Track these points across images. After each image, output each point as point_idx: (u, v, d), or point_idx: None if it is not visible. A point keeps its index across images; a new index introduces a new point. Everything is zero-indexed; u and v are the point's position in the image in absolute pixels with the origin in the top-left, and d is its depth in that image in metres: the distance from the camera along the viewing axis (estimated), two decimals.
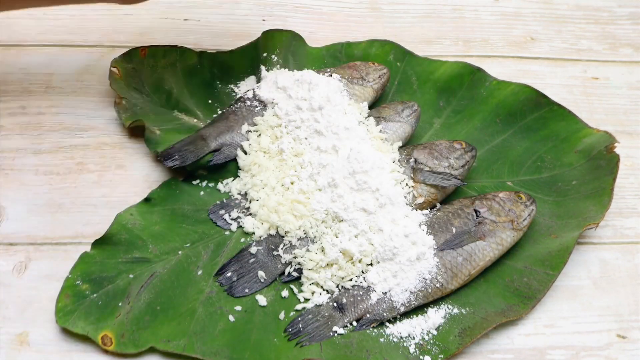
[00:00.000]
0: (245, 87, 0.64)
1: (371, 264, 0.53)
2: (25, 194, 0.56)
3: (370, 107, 0.61)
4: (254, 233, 0.54)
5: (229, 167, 0.58)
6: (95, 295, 0.50)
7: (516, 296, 0.52)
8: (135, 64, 0.62)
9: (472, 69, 0.64)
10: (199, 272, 0.52)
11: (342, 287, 0.52)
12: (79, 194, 0.57)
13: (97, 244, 0.52)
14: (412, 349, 0.49)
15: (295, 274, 0.53)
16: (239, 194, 0.57)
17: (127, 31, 0.68)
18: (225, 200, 0.56)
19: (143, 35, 0.68)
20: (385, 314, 0.51)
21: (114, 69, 0.61)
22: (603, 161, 0.58)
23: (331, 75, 0.61)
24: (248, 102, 0.60)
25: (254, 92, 0.61)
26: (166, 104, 0.62)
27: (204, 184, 0.57)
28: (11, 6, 0.52)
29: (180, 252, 0.53)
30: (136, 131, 0.59)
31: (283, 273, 0.53)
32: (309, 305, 0.51)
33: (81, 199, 0.56)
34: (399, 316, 0.51)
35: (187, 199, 0.56)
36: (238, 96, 0.62)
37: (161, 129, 0.58)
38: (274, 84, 0.60)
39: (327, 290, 0.52)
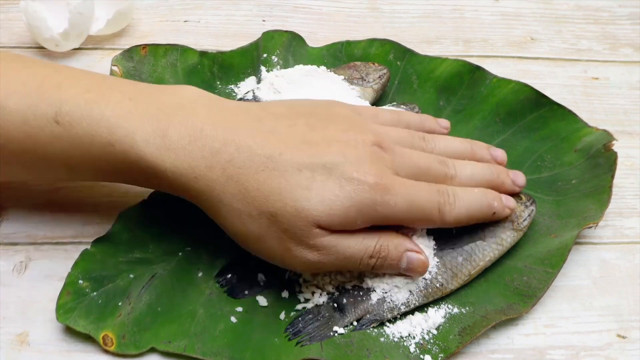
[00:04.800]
0: (245, 88, 0.64)
1: None
2: (25, 193, 0.56)
3: None
4: None
5: None
6: (95, 293, 0.50)
7: (516, 295, 0.52)
8: (136, 63, 0.62)
9: (472, 67, 0.64)
10: (200, 274, 0.52)
11: (342, 287, 0.52)
12: (79, 194, 0.57)
13: (97, 242, 0.52)
14: (412, 349, 0.49)
15: (294, 277, 0.53)
16: None
17: (127, 34, 0.68)
18: None
19: (143, 38, 0.68)
20: (385, 314, 0.51)
21: (115, 68, 0.61)
22: (601, 159, 0.58)
23: None
24: None
25: (253, 93, 0.61)
26: None
27: None
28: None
29: (180, 254, 0.53)
30: None
31: (283, 276, 0.53)
32: (309, 305, 0.51)
33: (82, 199, 0.56)
34: (399, 316, 0.51)
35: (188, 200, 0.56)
36: (238, 97, 0.62)
37: None
38: (272, 85, 0.60)
39: (327, 291, 0.52)
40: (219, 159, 0.46)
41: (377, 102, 0.63)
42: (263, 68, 0.64)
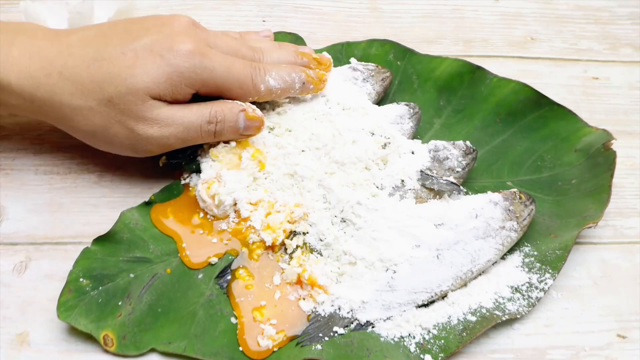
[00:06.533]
0: None
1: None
2: (25, 193, 0.56)
3: None
4: None
5: None
6: (95, 292, 0.50)
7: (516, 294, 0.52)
8: None
9: (472, 67, 0.64)
10: (200, 276, 0.52)
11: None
12: (79, 194, 0.57)
13: (98, 240, 0.52)
14: (412, 348, 0.49)
15: None
16: None
17: None
18: None
19: None
20: (386, 314, 0.51)
21: None
22: (601, 158, 0.58)
23: None
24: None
25: None
26: None
27: None
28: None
29: (180, 254, 0.53)
30: None
31: None
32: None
33: (81, 199, 0.56)
34: (400, 316, 0.51)
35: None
36: None
37: None
38: None
39: None
40: (55, 65, 0.52)
41: (379, 104, 0.63)
42: None
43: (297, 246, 0.53)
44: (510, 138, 0.61)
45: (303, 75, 0.57)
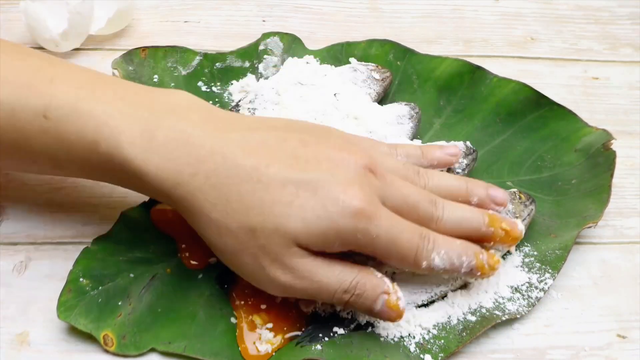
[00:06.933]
0: (240, 86, 0.64)
1: None
2: (25, 193, 0.56)
3: None
4: None
5: None
6: (95, 292, 0.50)
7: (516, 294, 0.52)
8: (136, 66, 0.62)
9: (472, 67, 0.64)
10: (200, 276, 0.52)
11: None
12: (79, 194, 0.57)
13: (98, 240, 0.52)
14: (412, 348, 0.49)
15: None
16: None
17: (127, 35, 0.68)
18: None
19: (144, 39, 0.68)
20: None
21: (115, 71, 0.61)
22: (601, 158, 0.58)
23: None
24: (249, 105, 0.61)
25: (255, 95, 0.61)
26: None
27: None
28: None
29: (180, 255, 0.53)
30: None
31: None
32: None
33: (82, 199, 0.56)
34: None
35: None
36: (236, 101, 0.62)
37: None
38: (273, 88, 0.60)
39: None
40: (203, 167, 0.45)
41: (378, 104, 0.63)
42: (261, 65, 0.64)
43: None
44: (510, 138, 0.61)
45: (474, 262, 0.48)
